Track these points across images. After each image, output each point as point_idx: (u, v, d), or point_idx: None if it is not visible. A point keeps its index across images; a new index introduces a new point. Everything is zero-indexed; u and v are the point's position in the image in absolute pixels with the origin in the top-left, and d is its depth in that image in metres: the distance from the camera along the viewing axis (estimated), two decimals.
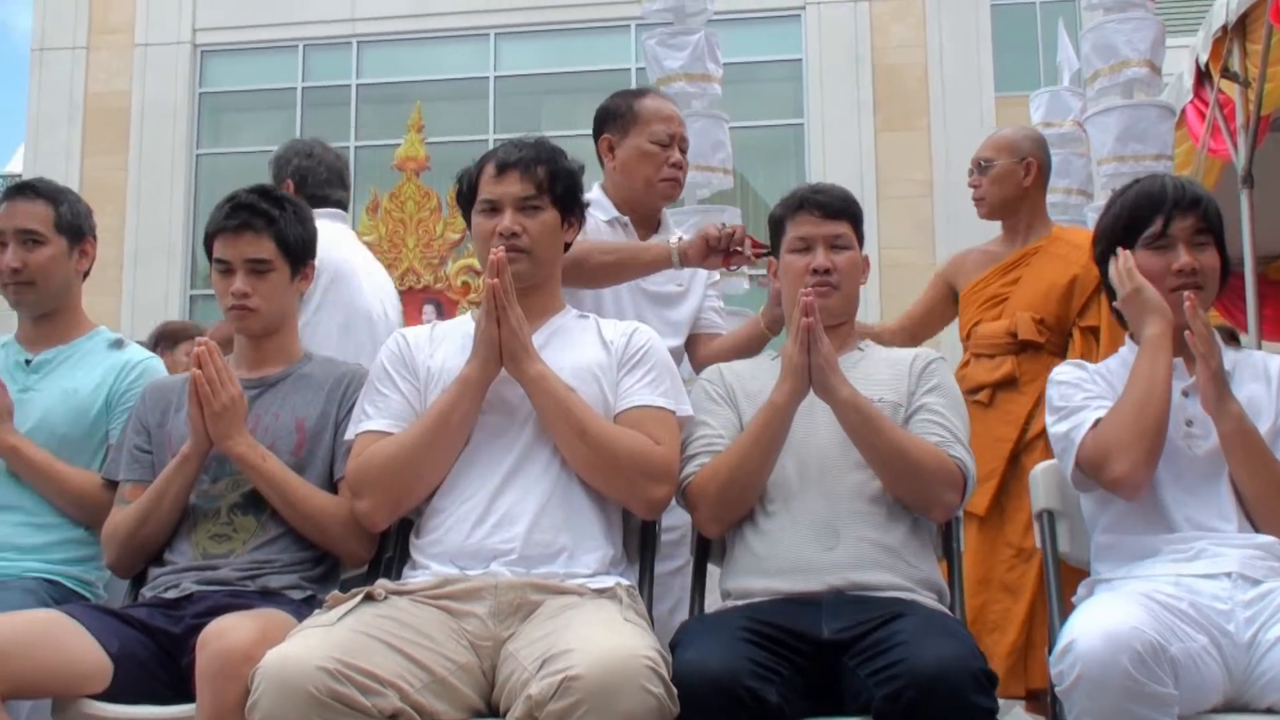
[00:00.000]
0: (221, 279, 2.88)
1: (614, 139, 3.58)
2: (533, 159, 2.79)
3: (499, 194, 2.78)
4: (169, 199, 18.79)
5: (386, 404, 2.74)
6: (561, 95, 18.67)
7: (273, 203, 2.89)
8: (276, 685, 2.10)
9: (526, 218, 2.77)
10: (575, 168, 2.87)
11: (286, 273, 2.90)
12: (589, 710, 2.05)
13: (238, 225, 2.85)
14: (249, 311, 2.88)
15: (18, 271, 3.07)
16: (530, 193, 2.77)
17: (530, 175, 2.78)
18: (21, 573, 2.89)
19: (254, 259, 2.85)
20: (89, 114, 19.33)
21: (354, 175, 17.88)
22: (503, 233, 2.74)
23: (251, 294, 2.86)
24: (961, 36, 16.63)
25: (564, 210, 2.83)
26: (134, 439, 2.91)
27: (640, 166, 3.55)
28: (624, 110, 3.61)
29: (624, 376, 2.76)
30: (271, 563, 2.74)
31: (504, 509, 2.60)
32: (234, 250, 2.86)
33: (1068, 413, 2.74)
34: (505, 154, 2.81)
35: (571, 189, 2.84)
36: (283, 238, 2.88)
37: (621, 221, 3.57)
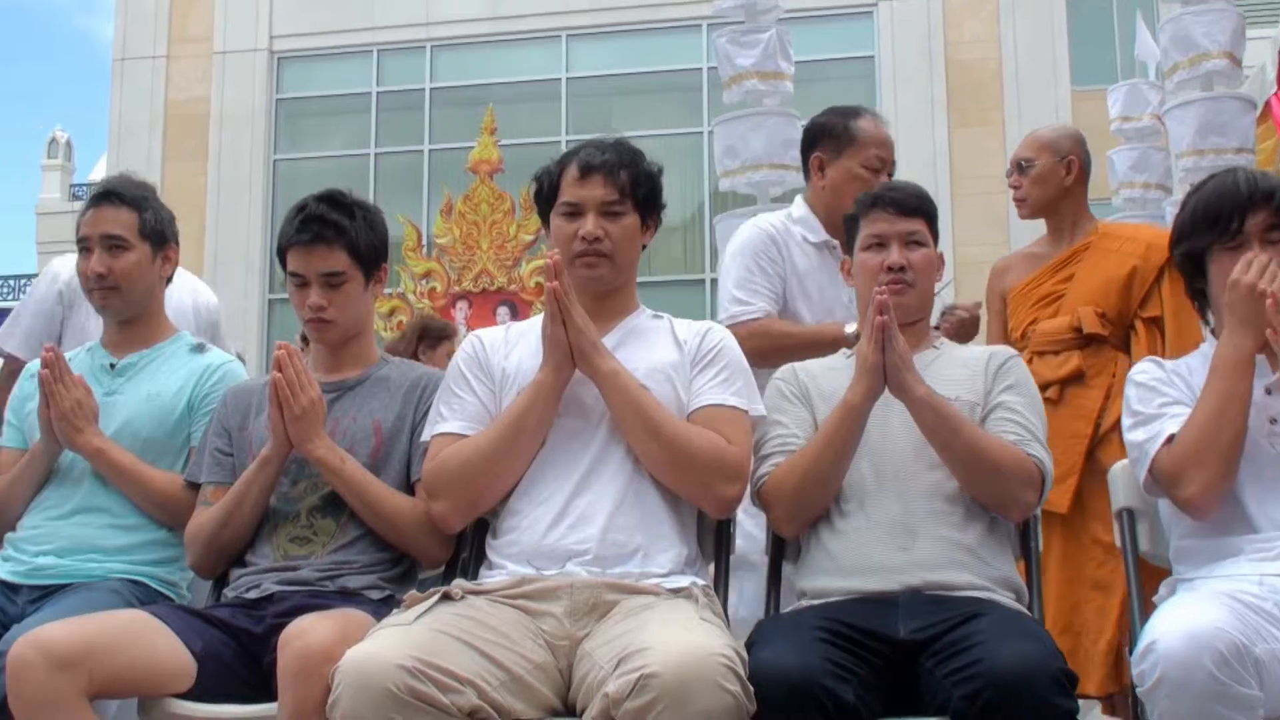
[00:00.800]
0: (297, 291, 2.91)
1: (825, 158, 3.55)
2: (616, 163, 2.78)
3: (582, 197, 2.77)
4: (247, 204, 19.04)
5: (462, 406, 2.76)
6: (633, 96, 18.72)
7: (342, 211, 2.90)
8: (357, 683, 2.12)
9: (608, 222, 2.76)
10: (656, 170, 2.86)
11: (360, 281, 2.92)
12: (666, 708, 2.05)
13: (310, 239, 2.86)
14: (326, 323, 2.90)
15: (103, 277, 3.11)
16: (613, 197, 2.76)
17: (614, 179, 2.77)
18: (107, 574, 2.93)
19: (328, 272, 2.87)
20: (169, 122, 19.64)
21: (427, 178, 18.10)
22: (585, 237, 2.73)
23: (328, 306, 2.88)
24: (1036, 30, 16.47)
25: (644, 214, 2.82)
26: (215, 442, 2.95)
27: (850, 189, 3.46)
28: (839, 130, 3.57)
29: (697, 376, 2.75)
30: (350, 564, 2.77)
31: (579, 509, 2.61)
32: (307, 264, 2.88)
33: (1144, 420, 2.69)
34: (588, 157, 2.80)
35: (652, 193, 2.83)
36: (354, 247, 2.88)
37: (830, 245, 3.52)
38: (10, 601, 2.87)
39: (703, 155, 17.15)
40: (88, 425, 2.99)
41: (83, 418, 2.97)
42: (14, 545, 3.00)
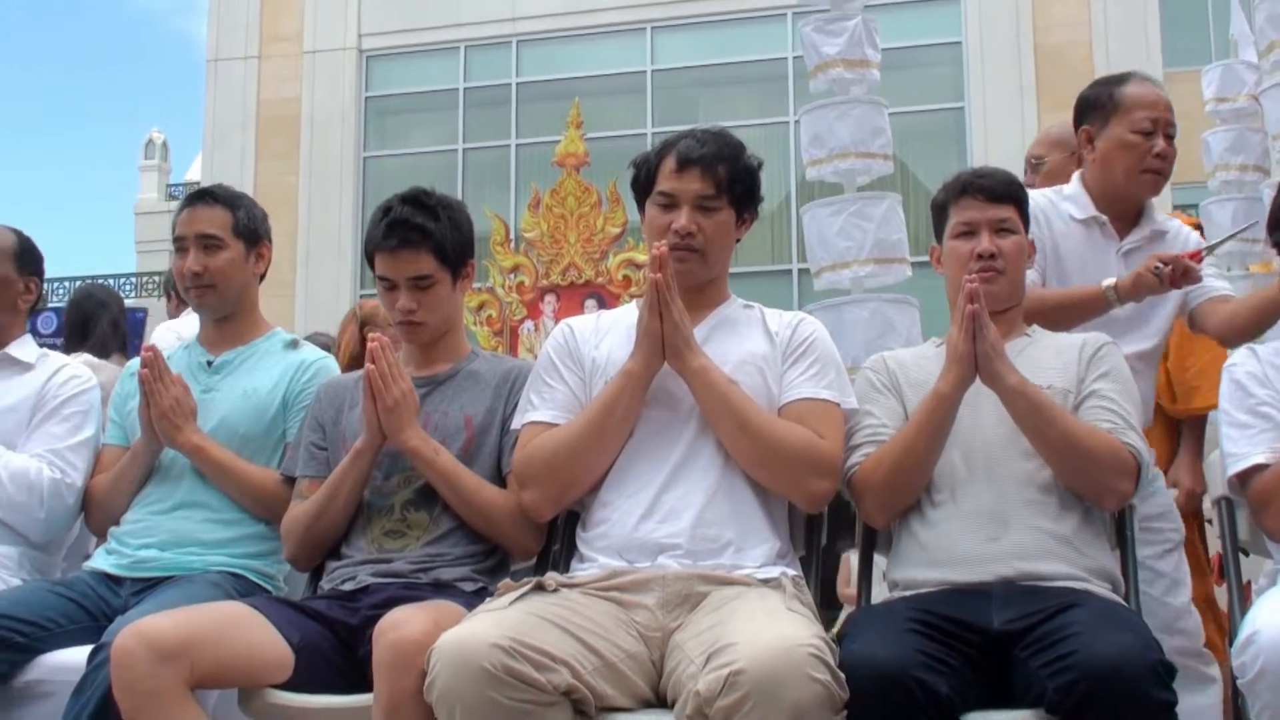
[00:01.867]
0: (386, 293, 2.93)
1: (1093, 130, 3.44)
2: (714, 156, 2.75)
3: (677, 190, 2.75)
4: (338, 201, 19.26)
5: (552, 395, 2.77)
6: (718, 87, 18.65)
7: (427, 213, 2.90)
8: (453, 663, 2.15)
9: (702, 216, 2.74)
10: (754, 165, 2.83)
11: (448, 281, 2.93)
12: (756, 704, 2.05)
13: (396, 244, 2.87)
14: (417, 325, 2.93)
15: (199, 275, 3.17)
16: (709, 192, 2.74)
17: (711, 174, 2.74)
18: (207, 567, 2.98)
19: (415, 276, 2.88)
20: (261, 121, 19.92)
21: (514, 173, 18.17)
22: (678, 231, 2.72)
23: (417, 309, 2.90)
24: (1127, 12, 16.17)
25: (740, 209, 2.80)
26: (310, 436, 2.99)
27: (1120, 158, 3.38)
28: (1104, 99, 3.46)
29: (788, 369, 2.74)
30: (443, 556, 2.79)
31: (670, 503, 2.61)
32: (395, 269, 2.89)
33: (1236, 425, 2.68)
34: (687, 149, 2.77)
35: (749, 188, 2.81)
36: (441, 249, 2.89)
37: (1099, 220, 3.40)
38: (114, 594, 2.94)
39: (788, 145, 17.04)
40: (186, 423, 3.04)
41: (181, 415, 3.03)
42: (117, 539, 3.07)
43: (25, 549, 3.12)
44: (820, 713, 2.09)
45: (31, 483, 3.08)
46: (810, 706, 2.07)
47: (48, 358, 3.36)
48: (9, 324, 3.32)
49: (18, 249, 3.33)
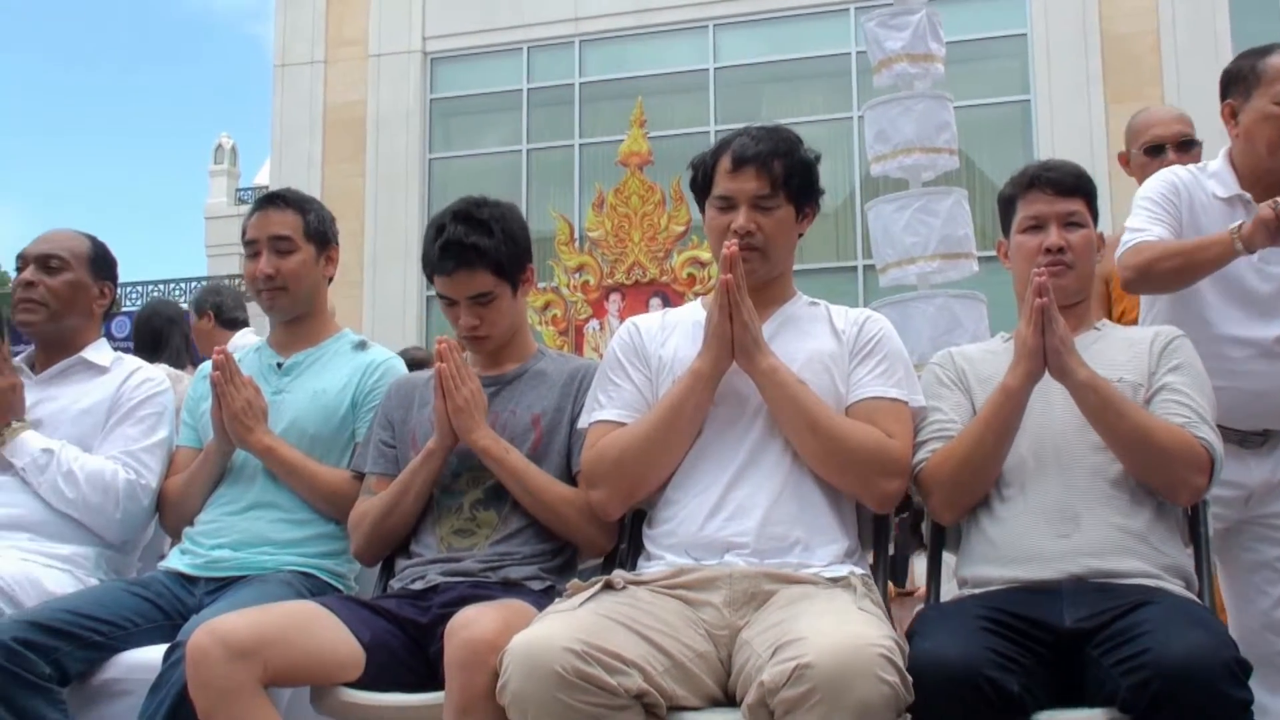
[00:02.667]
0: (449, 309, 2.94)
1: (1236, 103, 3.32)
2: (769, 153, 2.73)
3: (734, 190, 2.74)
4: (404, 203, 19.39)
5: (619, 393, 2.78)
6: (781, 83, 18.60)
7: (481, 230, 2.88)
8: (525, 666, 2.15)
9: (761, 215, 2.73)
10: (812, 159, 2.81)
11: (508, 292, 2.93)
12: (822, 699, 2.04)
13: (453, 267, 2.87)
14: (481, 339, 2.95)
15: (271, 278, 3.20)
16: (765, 190, 2.72)
17: (766, 171, 2.72)
18: (278, 566, 3.01)
19: (475, 295, 2.89)
20: (328, 125, 20.10)
21: (579, 172, 18.21)
22: (737, 231, 2.71)
23: (480, 324, 2.92)
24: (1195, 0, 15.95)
25: (799, 204, 2.78)
26: (380, 434, 3.02)
27: (1262, 130, 3.24)
28: (1246, 71, 3.33)
29: (856, 367, 2.73)
30: (512, 555, 2.80)
31: (737, 501, 2.60)
32: (453, 289, 2.90)
33: None
34: (741, 148, 2.76)
35: (807, 182, 2.79)
36: (498, 265, 2.88)
37: (1243, 199, 3.26)
38: (189, 593, 2.98)
39: (852, 141, 16.98)
40: (258, 424, 3.08)
41: (253, 417, 3.06)
42: (191, 539, 3.11)
43: (102, 549, 3.16)
44: (885, 714, 2.08)
45: (107, 484, 3.12)
46: (876, 707, 2.06)
47: (122, 361, 3.40)
48: (84, 328, 3.37)
49: (92, 254, 3.37)
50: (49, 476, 3.10)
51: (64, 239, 3.36)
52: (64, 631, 2.70)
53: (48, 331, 3.31)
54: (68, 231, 3.40)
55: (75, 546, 3.09)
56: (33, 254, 3.30)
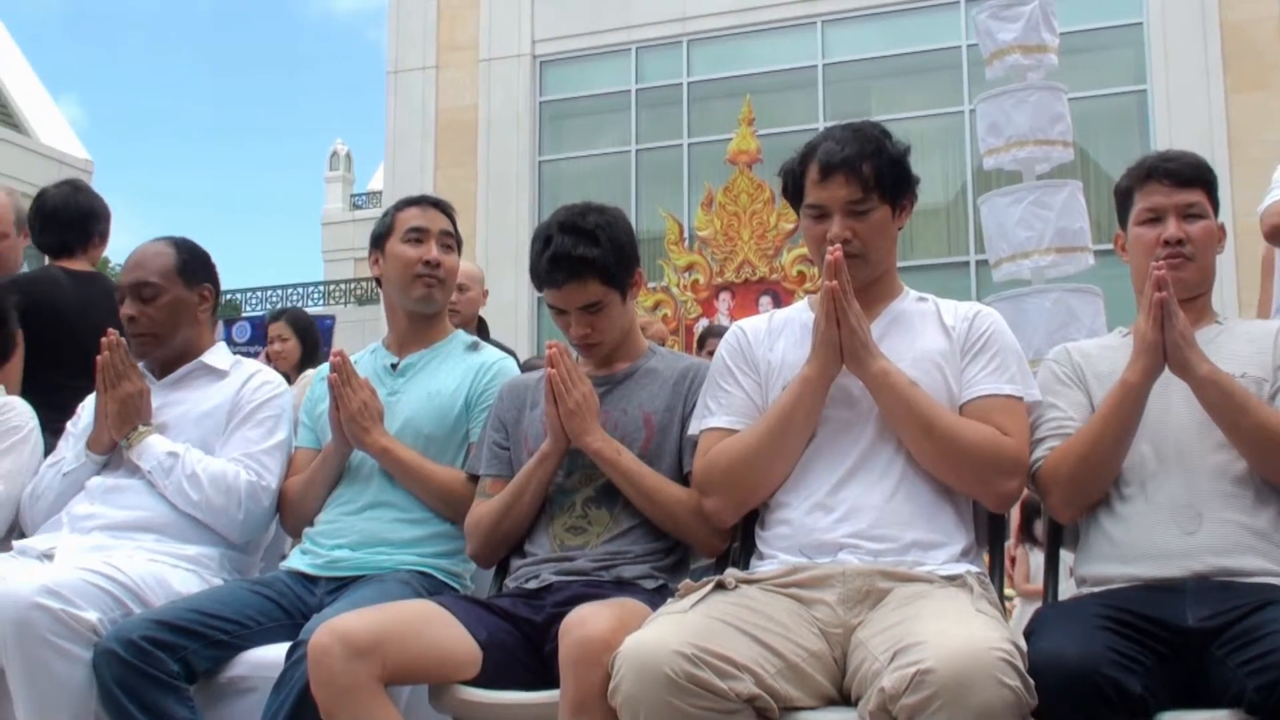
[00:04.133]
0: (559, 318, 2.95)
1: None
2: (857, 156, 2.67)
3: (825, 199, 2.70)
4: (515, 206, 19.55)
5: (729, 400, 2.76)
6: (890, 78, 18.44)
7: (587, 241, 2.86)
8: (636, 669, 2.15)
9: (856, 221, 2.68)
10: (901, 151, 2.75)
11: (618, 299, 2.92)
12: (944, 705, 2.01)
13: (562, 279, 2.86)
14: (593, 347, 2.95)
15: (437, 266, 3.27)
16: (857, 196, 2.67)
17: (856, 176, 2.67)
18: (396, 566, 3.05)
19: (585, 305, 2.89)
20: (440, 129, 20.33)
21: (687, 172, 18.20)
22: (832, 240, 2.64)
23: (591, 332, 2.92)
24: None
25: (894, 200, 2.73)
26: (493, 436, 3.05)
27: None
28: None
29: (968, 364, 2.68)
30: (625, 554, 2.81)
31: (850, 502, 2.58)
32: (563, 300, 2.90)
33: None
34: (827, 155, 2.69)
35: (900, 178, 2.73)
36: (606, 273, 2.87)
37: None
38: (309, 592, 3.03)
39: (964, 135, 16.77)
40: (374, 425, 3.12)
41: (369, 419, 3.11)
42: (311, 539, 3.17)
43: (225, 550, 3.23)
44: (1007, 718, 2.04)
45: (229, 485, 3.18)
46: (998, 711, 2.03)
47: (241, 364, 3.46)
48: (198, 335, 3.43)
49: (180, 265, 3.37)
50: (174, 479, 3.17)
51: (150, 259, 3.36)
52: (191, 630, 2.77)
53: (166, 353, 3.38)
54: (153, 247, 3.40)
55: (200, 547, 3.16)
56: (126, 285, 3.34)
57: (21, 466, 3.39)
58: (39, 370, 4.03)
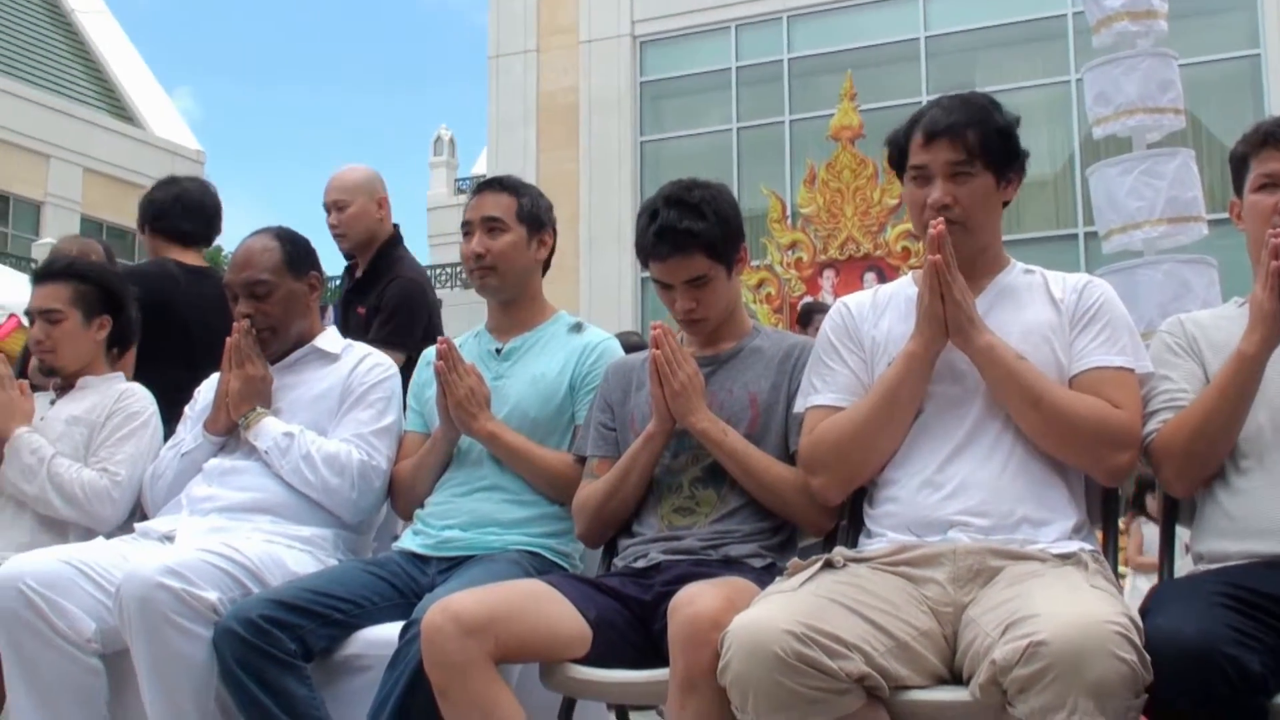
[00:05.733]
0: (664, 293, 2.95)
1: None
2: (962, 122, 2.65)
3: (928, 162, 2.67)
4: (617, 187, 19.62)
5: (834, 378, 2.75)
6: (994, 49, 18.20)
7: (693, 214, 2.87)
8: (745, 648, 2.15)
9: (958, 186, 2.65)
10: (1009, 122, 2.71)
11: (723, 274, 2.92)
12: (1057, 677, 1.99)
13: (667, 252, 2.87)
14: (698, 322, 2.95)
15: (480, 257, 3.27)
16: (960, 159, 2.64)
17: (960, 140, 2.64)
18: (506, 546, 3.07)
19: (691, 279, 2.89)
20: (542, 112, 20.46)
21: (789, 149, 18.14)
22: (933, 205, 2.64)
23: (696, 307, 2.92)
24: None
25: (1000, 170, 2.69)
26: (599, 417, 3.06)
27: None
28: None
29: (1077, 336, 2.64)
30: (732, 533, 2.81)
31: (959, 479, 2.55)
32: (668, 274, 2.90)
33: None
34: (933, 120, 2.68)
35: (1007, 147, 2.69)
36: (712, 247, 2.87)
37: None
38: (421, 572, 3.07)
39: (1070, 105, 16.50)
40: (481, 411, 3.15)
41: (476, 404, 3.14)
42: (422, 520, 3.21)
43: (339, 530, 3.29)
44: (1122, 693, 2.01)
45: (343, 466, 3.23)
46: (1113, 686, 1.99)
47: (352, 348, 3.51)
48: (310, 322, 3.50)
49: (286, 258, 3.42)
50: (290, 459, 3.23)
51: (257, 255, 3.41)
52: (307, 610, 2.82)
53: (282, 345, 3.45)
54: (258, 242, 3.45)
55: (315, 528, 3.22)
56: (238, 284, 3.39)
57: (142, 451, 3.49)
58: (150, 361, 4.14)
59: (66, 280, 3.68)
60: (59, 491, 3.38)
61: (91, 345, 3.67)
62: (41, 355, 3.65)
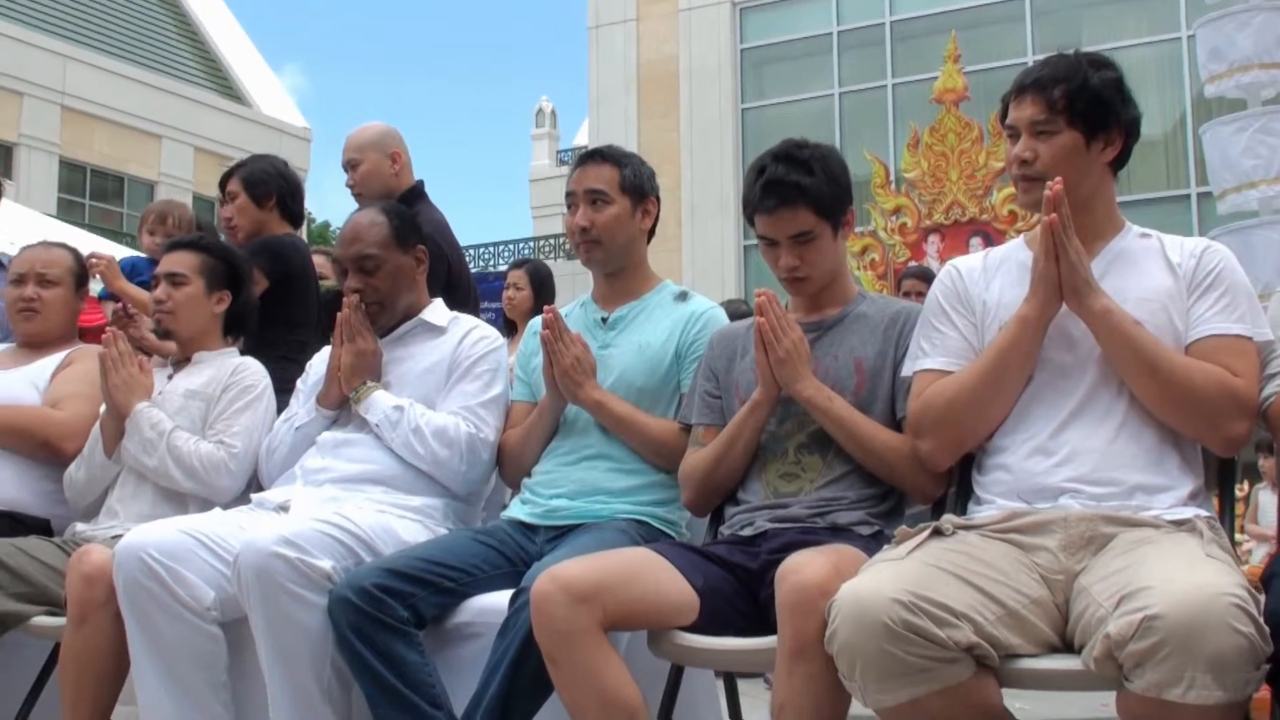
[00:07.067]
0: (769, 250, 2.94)
1: None
2: (1050, 78, 2.62)
3: (1016, 118, 2.66)
4: (719, 155, 19.54)
5: (944, 341, 2.73)
6: (1103, 7, 17.80)
7: (801, 169, 2.86)
8: (853, 617, 2.14)
9: (1039, 142, 2.62)
10: (1108, 80, 2.65)
11: (829, 233, 2.91)
12: (1172, 651, 1.94)
13: (774, 205, 2.87)
14: (802, 280, 2.94)
15: (586, 230, 3.29)
16: (1041, 116, 2.61)
17: (1043, 96, 2.61)
18: (613, 514, 3.09)
19: (796, 234, 2.88)
20: (642, 82, 20.44)
21: (892, 113, 17.99)
22: (1013, 160, 2.62)
23: (800, 264, 2.90)
24: None
25: (1089, 129, 2.63)
26: (704, 385, 3.07)
27: None
28: None
29: (1195, 302, 2.58)
30: (839, 500, 2.81)
31: (1070, 445, 2.52)
32: (774, 228, 2.90)
33: None
34: (1025, 75, 2.67)
35: (1097, 105, 2.63)
36: (819, 203, 2.86)
37: None
38: (530, 541, 3.11)
39: (1181, 63, 16.12)
40: (587, 380, 3.17)
41: (582, 373, 3.16)
42: (530, 490, 3.24)
43: (449, 500, 3.33)
44: (1241, 666, 1.96)
45: (451, 438, 3.27)
46: (1231, 659, 1.95)
47: (458, 320, 3.55)
48: (417, 296, 3.54)
49: (395, 232, 3.46)
50: (400, 432, 3.28)
51: (365, 230, 3.45)
52: (419, 578, 2.86)
53: (393, 319, 3.49)
54: (366, 217, 3.49)
55: (425, 498, 3.26)
56: (348, 258, 3.43)
57: (257, 423, 3.57)
58: (294, 327, 4.41)
59: (195, 250, 3.80)
60: (178, 464, 3.46)
61: (208, 316, 3.76)
62: (160, 315, 3.75)
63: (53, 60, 24.78)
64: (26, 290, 3.96)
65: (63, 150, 25.10)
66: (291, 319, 4.46)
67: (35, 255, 4.04)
